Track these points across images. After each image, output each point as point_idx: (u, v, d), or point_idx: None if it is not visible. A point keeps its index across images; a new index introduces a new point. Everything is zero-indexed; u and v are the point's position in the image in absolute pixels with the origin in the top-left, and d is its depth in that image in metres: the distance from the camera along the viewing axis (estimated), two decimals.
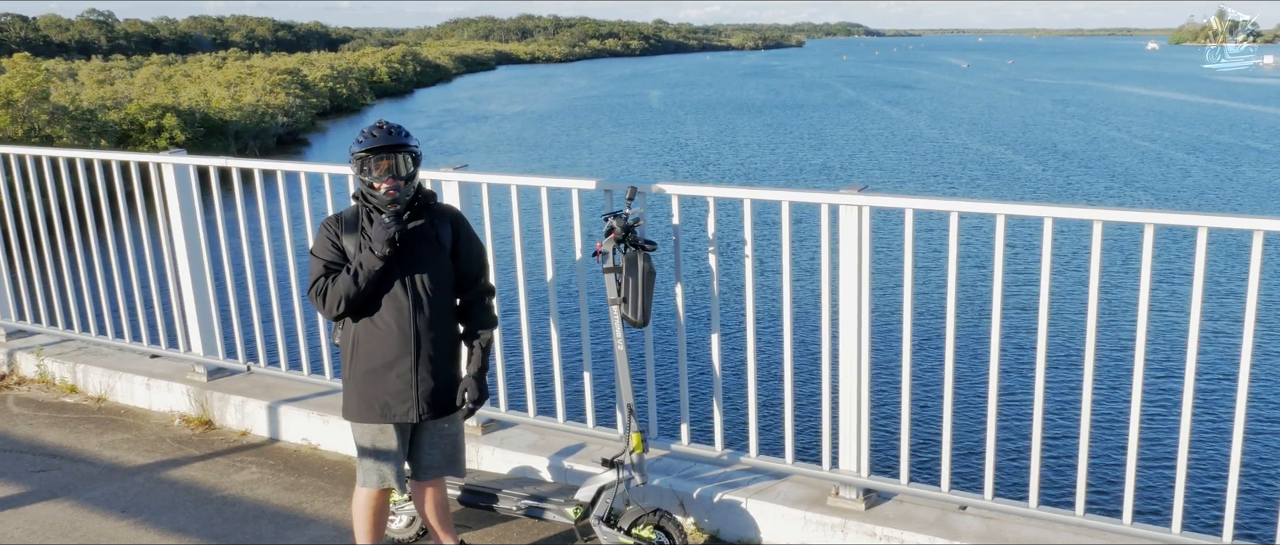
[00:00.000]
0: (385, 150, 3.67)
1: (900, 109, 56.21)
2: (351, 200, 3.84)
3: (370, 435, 3.83)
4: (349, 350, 3.80)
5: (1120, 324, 11.57)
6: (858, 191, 4.00)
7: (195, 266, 5.80)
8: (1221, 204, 26.77)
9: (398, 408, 3.78)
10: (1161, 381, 9.67)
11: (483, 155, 40.19)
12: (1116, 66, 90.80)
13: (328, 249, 3.75)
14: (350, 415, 3.85)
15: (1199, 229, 3.54)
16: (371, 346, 3.75)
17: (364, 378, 3.77)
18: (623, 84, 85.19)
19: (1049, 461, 4.20)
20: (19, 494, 5.02)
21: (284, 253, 5.43)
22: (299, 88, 53.13)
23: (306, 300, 4.49)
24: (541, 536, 4.41)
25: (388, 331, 3.75)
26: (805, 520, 4.20)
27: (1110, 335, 11.19)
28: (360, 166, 3.70)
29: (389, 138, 3.68)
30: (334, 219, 3.81)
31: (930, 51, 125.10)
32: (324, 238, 3.78)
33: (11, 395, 6.35)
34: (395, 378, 3.76)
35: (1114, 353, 10.13)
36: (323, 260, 3.74)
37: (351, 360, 3.79)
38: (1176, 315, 12.26)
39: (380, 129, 3.72)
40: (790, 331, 4.30)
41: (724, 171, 35.06)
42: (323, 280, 3.71)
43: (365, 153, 3.67)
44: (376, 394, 3.77)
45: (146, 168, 5.82)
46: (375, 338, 3.75)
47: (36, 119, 28.69)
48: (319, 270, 3.74)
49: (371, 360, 3.75)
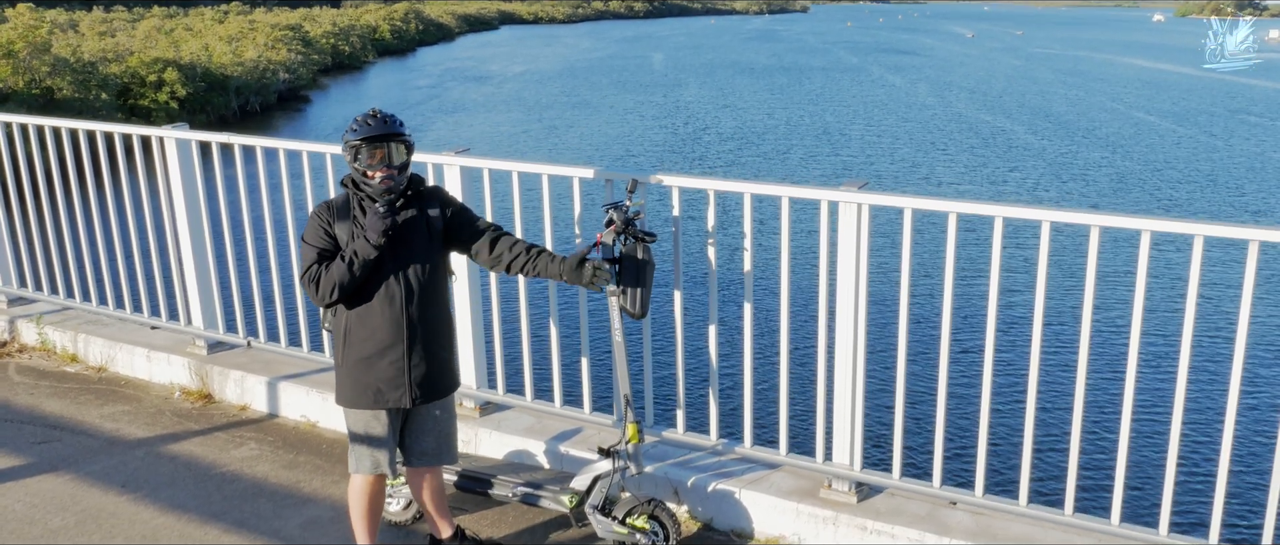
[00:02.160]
0: (379, 139, 3.69)
1: (901, 76, 55.95)
2: (340, 187, 3.85)
3: (363, 421, 3.88)
4: (341, 337, 3.84)
5: (1114, 326, 11.61)
6: (858, 188, 4.02)
7: (196, 240, 5.82)
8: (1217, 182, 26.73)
9: (391, 394, 3.82)
10: (1153, 384, 9.73)
11: (483, 114, 40.02)
12: (1121, 37, 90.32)
13: (320, 236, 3.77)
14: (343, 401, 3.90)
15: (1195, 237, 3.57)
16: (364, 334, 3.79)
17: (356, 365, 3.81)
18: (626, 46, 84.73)
19: (1040, 460, 4.26)
20: (20, 466, 5.07)
21: (285, 228, 5.45)
22: (301, 44, 52.80)
23: None
24: (537, 522, 4.46)
25: (380, 319, 3.78)
26: (798, 512, 4.25)
27: (1103, 337, 11.24)
28: (354, 155, 3.72)
29: (383, 127, 3.70)
30: (325, 206, 3.82)
31: (935, 19, 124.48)
32: (316, 225, 3.79)
33: (13, 363, 6.39)
34: (388, 365, 3.80)
35: (1107, 354, 10.18)
36: (315, 247, 3.76)
37: (344, 347, 3.83)
38: (1170, 318, 12.31)
39: (374, 118, 3.73)
40: (787, 324, 4.34)
41: (722, 135, 34.93)
42: (316, 267, 3.73)
43: (359, 142, 3.69)
44: (370, 381, 3.81)
45: (149, 139, 5.83)
46: (368, 325, 3.79)
47: (37, 70, 28.54)
48: (312, 257, 3.75)
49: (364, 347, 3.79)
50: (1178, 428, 3.76)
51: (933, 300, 12.22)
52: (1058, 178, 27.40)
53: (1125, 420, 3.85)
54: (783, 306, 4.31)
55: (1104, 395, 9.31)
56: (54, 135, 6.17)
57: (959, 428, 7.17)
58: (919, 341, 4.93)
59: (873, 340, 4.19)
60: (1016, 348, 9.39)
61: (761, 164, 29.75)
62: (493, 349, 4.97)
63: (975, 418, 4.11)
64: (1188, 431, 4.01)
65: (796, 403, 4.52)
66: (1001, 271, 3.94)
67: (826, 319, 4.24)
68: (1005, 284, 4.02)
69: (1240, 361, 3.61)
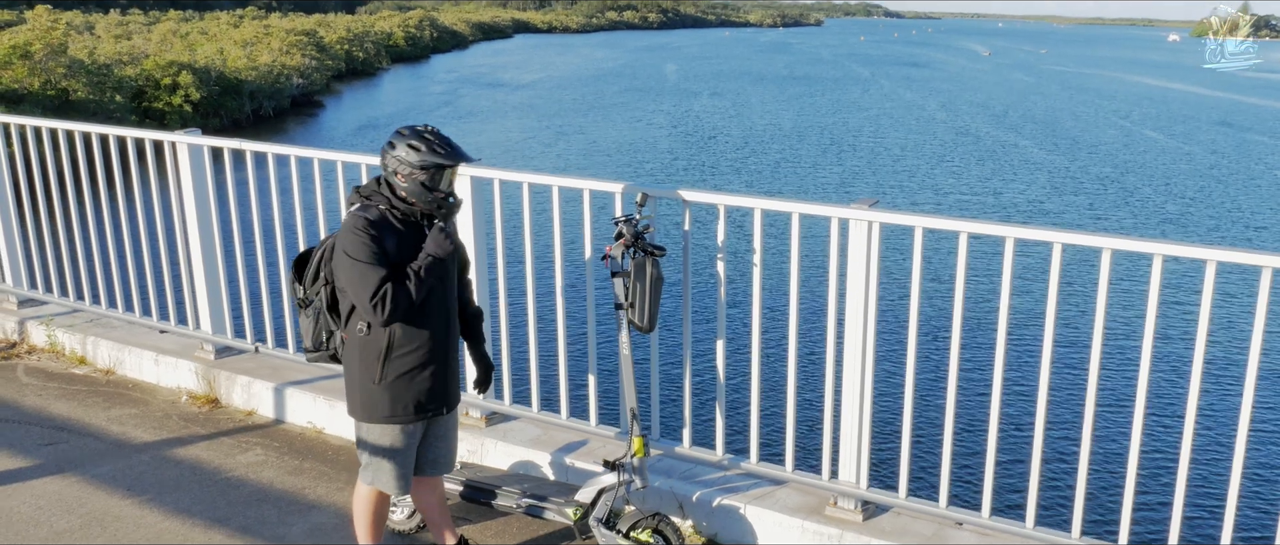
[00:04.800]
0: (455, 163, 3.73)
1: (913, 92, 55.91)
2: (362, 199, 3.75)
3: (395, 437, 3.84)
4: (378, 354, 3.74)
5: (1125, 348, 11.56)
6: (869, 206, 4.01)
7: (206, 245, 5.83)
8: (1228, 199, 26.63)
9: (429, 405, 3.86)
10: (1162, 407, 9.67)
11: (495, 121, 40.13)
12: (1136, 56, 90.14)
13: (377, 254, 3.62)
14: (379, 418, 3.81)
15: (1207, 262, 3.55)
16: (409, 348, 3.76)
17: (398, 380, 3.77)
18: (639, 55, 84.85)
19: (1047, 483, 4.23)
20: (27, 467, 5.08)
21: (295, 235, 5.45)
22: (315, 49, 53.04)
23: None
24: (540, 534, 4.45)
25: (427, 332, 3.79)
26: (803, 529, 4.23)
27: (1114, 359, 11.18)
28: (429, 175, 3.68)
29: (460, 152, 3.74)
30: (367, 222, 3.64)
31: (949, 35, 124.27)
32: (369, 243, 3.61)
33: (22, 364, 6.41)
34: (428, 376, 3.82)
35: (1117, 377, 10.14)
36: (378, 266, 3.60)
37: (384, 363, 3.74)
38: (1182, 341, 12.26)
39: (447, 142, 3.74)
40: (795, 341, 4.32)
41: (733, 144, 34.95)
42: (390, 286, 3.59)
43: (447, 164, 3.69)
44: (411, 394, 3.80)
45: (161, 144, 5.85)
46: (414, 339, 3.77)
47: (54, 72, 28.72)
48: (378, 275, 3.59)
49: (406, 362, 3.77)
50: (1188, 453, 3.73)
51: (942, 319, 12.17)
52: (1073, 196, 27.33)
53: (1134, 444, 3.82)
54: (791, 322, 4.30)
55: (1113, 418, 9.27)
56: (67, 138, 6.19)
57: (966, 448, 7.12)
58: (927, 361, 4.91)
59: (881, 358, 4.17)
60: (1025, 369, 9.35)
61: (772, 174, 29.74)
62: (500, 359, 4.97)
63: (983, 438, 4.09)
64: (1198, 457, 3.99)
65: (803, 420, 4.50)
66: (1012, 292, 3.92)
67: (835, 336, 4.23)
68: (1015, 304, 4.00)
69: (1252, 388, 3.59)
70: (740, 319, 7.66)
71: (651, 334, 4.24)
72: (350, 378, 3.84)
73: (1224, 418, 10.16)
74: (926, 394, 5.99)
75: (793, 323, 4.30)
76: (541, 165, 29.92)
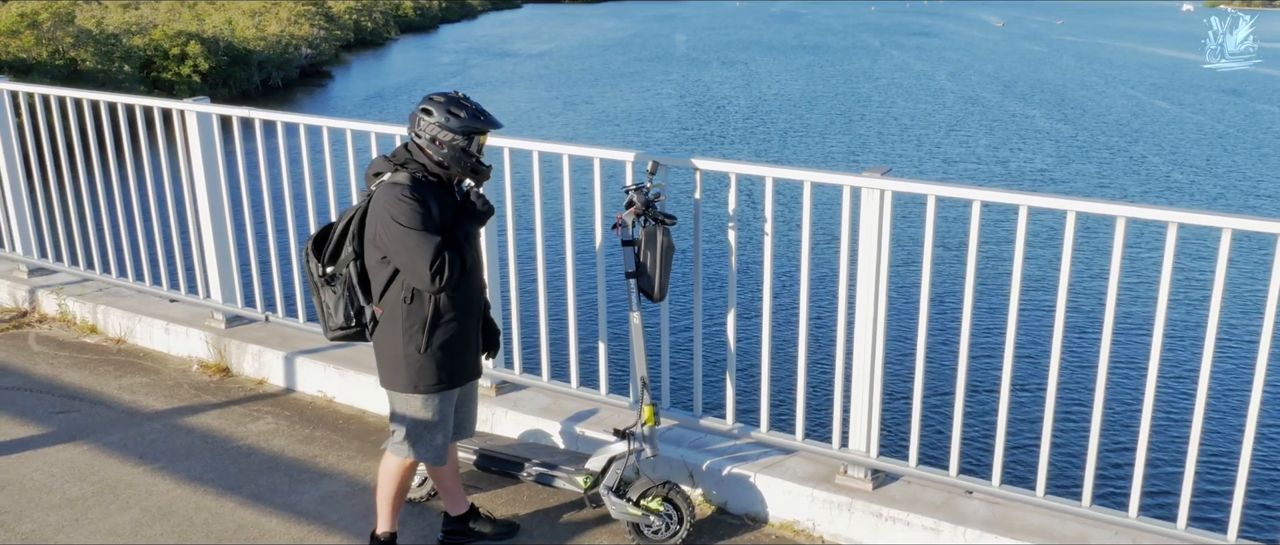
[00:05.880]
0: (492, 127, 3.78)
1: (923, 61, 55.54)
2: (394, 167, 3.70)
3: (437, 407, 3.84)
4: (424, 323, 3.70)
5: (1138, 317, 11.50)
6: (881, 175, 3.98)
7: (216, 214, 5.82)
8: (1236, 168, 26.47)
9: (470, 369, 3.93)
10: (1175, 376, 9.63)
11: (505, 91, 39.99)
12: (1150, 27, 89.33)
13: (430, 221, 3.60)
14: (425, 387, 3.78)
15: (1223, 230, 3.52)
16: (453, 314, 3.76)
17: (442, 347, 3.75)
18: (649, 25, 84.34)
19: (1058, 451, 4.21)
20: (39, 435, 5.11)
21: (305, 203, 5.44)
22: (324, 20, 52.80)
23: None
24: (551, 503, 4.46)
25: (469, 298, 3.82)
26: (813, 497, 4.24)
27: (1126, 328, 11.13)
28: (468, 140, 3.70)
29: (493, 118, 3.78)
30: (411, 189, 3.60)
31: (960, 5, 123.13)
32: (418, 209, 3.57)
33: (33, 333, 6.43)
34: (469, 340, 3.87)
35: (1129, 345, 10.10)
36: (435, 235, 3.58)
37: (429, 332, 3.71)
38: (1195, 312, 12.20)
39: (482, 108, 3.77)
40: (806, 309, 4.31)
41: (742, 113, 34.78)
42: (449, 253, 3.57)
43: (483, 128, 3.73)
44: (453, 361, 3.81)
45: (170, 112, 5.83)
46: (457, 305, 3.77)
47: (61, 41, 28.65)
48: (435, 244, 3.55)
49: (451, 329, 3.76)
50: (1200, 421, 3.71)
51: (953, 287, 12.16)
52: (1082, 164, 27.20)
53: (1146, 412, 3.81)
54: (802, 291, 4.28)
55: (1125, 386, 9.25)
56: (76, 106, 6.18)
57: (977, 416, 7.11)
58: (939, 329, 4.89)
59: (892, 327, 4.15)
60: (1037, 337, 9.33)
61: (780, 142, 29.64)
62: (510, 328, 4.96)
63: (993, 407, 4.08)
64: (1210, 425, 3.97)
65: (814, 388, 4.49)
66: (1024, 260, 3.89)
67: (846, 304, 4.21)
68: (1027, 272, 3.97)
69: (1265, 357, 3.56)
70: (751, 288, 7.65)
71: (662, 303, 4.23)
72: (388, 350, 3.78)
73: (1236, 384, 10.14)
74: (937, 363, 5.97)
75: (803, 291, 4.28)
76: (551, 134, 29.86)
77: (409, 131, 3.77)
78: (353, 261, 3.77)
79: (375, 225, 3.65)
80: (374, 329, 3.83)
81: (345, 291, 3.82)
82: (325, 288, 3.85)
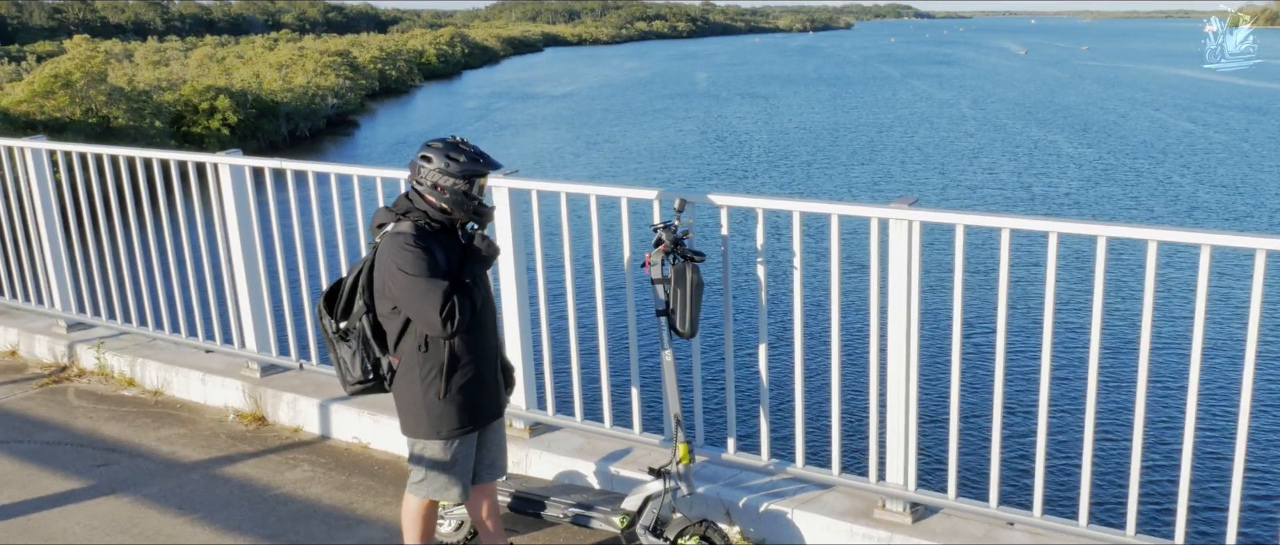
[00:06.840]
0: (491, 168, 3.82)
1: (945, 90, 55.50)
2: (396, 216, 3.74)
3: (461, 448, 3.86)
4: (440, 368, 3.73)
5: (1176, 343, 11.37)
6: (908, 205, 3.98)
7: (249, 264, 5.89)
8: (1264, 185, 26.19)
9: (490, 411, 3.93)
10: (1215, 402, 9.49)
11: (529, 133, 40.31)
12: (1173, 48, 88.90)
13: (436, 267, 3.63)
14: (447, 432, 3.80)
15: (1258, 251, 3.49)
16: (470, 357, 3.79)
17: (461, 391, 3.78)
18: (670, 64, 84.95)
19: (1099, 480, 4.16)
20: (80, 488, 5.16)
21: (336, 251, 5.50)
22: (349, 69, 53.58)
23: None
24: (588, 544, 4.45)
25: (483, 340, 3.84)
26: (851, 532, 4.20)
27: (1164, 354, 11.01)
28: (469, 184, 3.73)
29: (491, 159, 3.83)
30: (416, 237, 3.65)
31: (981, 34, 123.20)
32: (424, 256, 3.61)
33: (72, 387, 6.51)
34: (488, 381, 3.88)
35: (1166, 369, 9.98)
36: (439, 279, 3.61)
37: (447, 377, 3.74)
38: (1234, 335, 12.06)
39: (479, 150, 3.80)
40: (838, 343, 4.30)
41: (766, 148, 34.85)
42: (459, 297, 3.61)
43: (483, 171, 3.76)
44: (472, 403, 3.83)
45: (203, 166, 5.93)
46: (474, 348, 3.80)
47: (94, 100, 29.21)
48: (443, 289, 3.57)
49: (469, 372, 3.79)
50: (1243, 448, 3.66)
51: (985, 315, 12.09)
52: (1107, 187, 27.02)
53: (1188, 439, 3.76)
54: (833, 325, 4.27)
55: (1164, 413, 9.14)
56: (112, 163, 6.29)
57: (1016, 446, 7.04)
58: (973, 358, 4.86)
59: (926, 358, 4.13)
60: (1072, 362, 9.25)
61: (804, 174, 29.65)
62: (542, 369, 4.98)
63: (1032, 436, 4.04)
64: (1253, 452, 3.91)
65: (849, 422, 4.47)
66: (1058, 286, 3.87)
67: (878, 337, 4.20)
68: (1061, 299, 3.95)
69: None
70: (781, 322, 7.65)
71: (693, 340, 4.24)
72: (408, 398, 3.80)
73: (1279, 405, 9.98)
74: (973, 393, 5.93)
75: (835, 324, 4.28)
76: (575, 173, 30.04)
77: (409, 180, 3.81)
78: (365, 315, 3.80)
79: (382, 276, 3.70)
80: (392, 380, 3.85)
81: (360, 345, 3.83)
82: (340, 343, 3.86)
